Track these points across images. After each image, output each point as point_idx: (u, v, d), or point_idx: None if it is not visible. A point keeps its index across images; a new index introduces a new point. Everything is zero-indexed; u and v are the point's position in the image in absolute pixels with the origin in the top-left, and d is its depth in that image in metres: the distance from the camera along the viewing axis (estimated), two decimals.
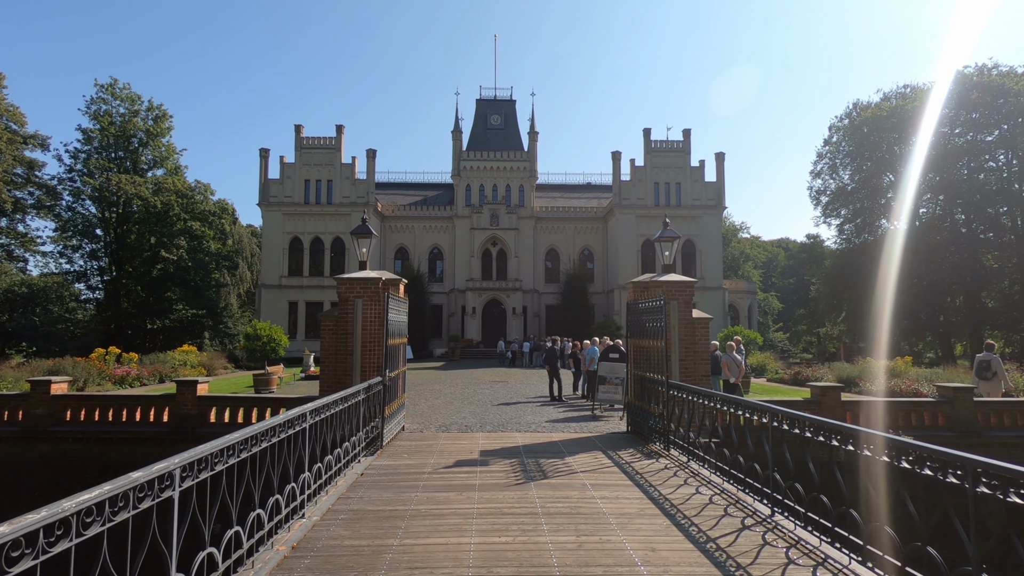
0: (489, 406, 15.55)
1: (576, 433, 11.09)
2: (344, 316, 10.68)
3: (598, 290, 50.59)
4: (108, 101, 49.19)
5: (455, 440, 10.07)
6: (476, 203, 50.52)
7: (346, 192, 47.42)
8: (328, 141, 47.90)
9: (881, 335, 44.28)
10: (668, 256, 11.29)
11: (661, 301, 9.32)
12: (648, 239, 47.82)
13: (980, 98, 43.00)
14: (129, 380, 23.70)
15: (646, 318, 10.06)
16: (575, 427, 11.94)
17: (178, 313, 52.18)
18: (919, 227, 48.13)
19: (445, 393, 19.03)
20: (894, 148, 47.05)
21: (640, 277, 11.44)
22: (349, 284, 10.67)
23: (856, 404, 11.54)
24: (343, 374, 10.62)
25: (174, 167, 54.31)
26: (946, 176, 44.81)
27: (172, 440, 10.43)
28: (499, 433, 10.97)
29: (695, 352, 10.78)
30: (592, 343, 17.25)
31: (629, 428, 11.08)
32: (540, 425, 12.15)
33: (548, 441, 9.97)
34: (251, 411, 10.91)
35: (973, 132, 44.87)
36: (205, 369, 30.25)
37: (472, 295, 47.80)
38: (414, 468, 7.87)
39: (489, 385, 22.05)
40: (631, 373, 10.96)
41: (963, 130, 45.49)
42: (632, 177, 48.16)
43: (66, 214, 48.72)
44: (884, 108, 47.51)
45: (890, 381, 20.53)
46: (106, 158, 49.75)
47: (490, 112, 54.47)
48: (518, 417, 13.35)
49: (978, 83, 43.45)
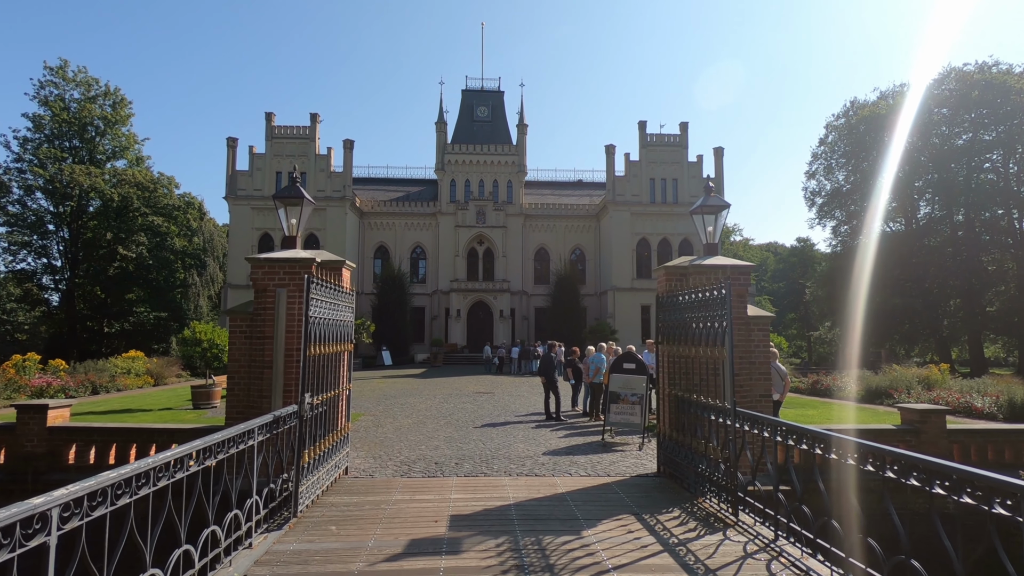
0: (470, 428, 12.44)
1: (588, 475, 8.04)
2: (261, 313, 7.53)
3: (590, 292, 47.71)
4: (60, 85, 45.34)
5: (416, 493, 6.96)
6: (461, 199, 47.42)
7: (321, 185, 44.04)
8: (302, 131, 44.55)
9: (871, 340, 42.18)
10: (712, 232, 8.32)
11: (723, 291, 6.33)
12: (644, 237, 45.13)
13: (981, 96, 41.28)
14: (50, 392, 20.21)
15: (692, 316, 7.06)
16: (584, 462, 8.88)
17: (139, 315, 48.28)
18: (917, 229, 46.31)
19: (419, 409, 15.88)
20: (890, 148, 45.09)
21: (676, 261, 8.44)
22: (269, 268, 7.53)
23: (968, 434, 8.60)
24: (258, 395, 7.47)
25: (135, 158, 50.50)
26: (945, 176, 43.01)
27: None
28: (481, 478, 7.86)
29: (751, 364, 7.82)
30: (597, 349, 14.22)
31: (661, 469, 8.05)
32: (537, 460, 9.07)
33: (552, 494, 6.90)
34: (128, 447, 7.71)
35: (973, 131, 43.24)
36: (152, 378, 26.75)
37: (457, 297, 44.64)
38: (336, 561, 4.76)
39: (472, 398, 18.93)
40: (665, 393, 7.97)
41: (962, 129, 43.84)
42: (627, 172, 45.43)
43: (13, 208, 44.66)
44: (882, 107, 45.74)
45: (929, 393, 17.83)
46: (59, 147, 45.80)
47: (477, 103, 51.45)
48: (507, 446, 10.27)
49: (979, 81, 41.68)
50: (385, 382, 26.03)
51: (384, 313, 41.79)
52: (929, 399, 16.75)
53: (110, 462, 7.71)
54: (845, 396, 19.74)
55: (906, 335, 46.68)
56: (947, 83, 43.94)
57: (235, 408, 7.53)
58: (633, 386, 10.69)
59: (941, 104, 43.96)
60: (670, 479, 7.68)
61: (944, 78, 44.03)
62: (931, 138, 44.77)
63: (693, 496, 6.81)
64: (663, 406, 8.05)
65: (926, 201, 48.04)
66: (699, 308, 6.94)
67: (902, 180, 46.44)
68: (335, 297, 7.06)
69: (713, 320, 6.60)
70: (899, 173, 46.72)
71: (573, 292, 44.08)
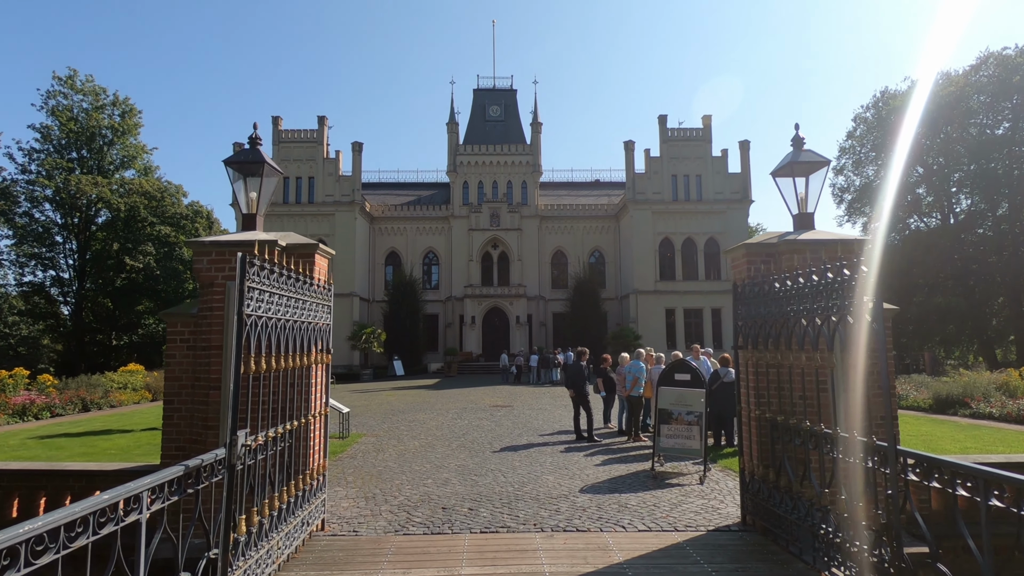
0: (487, 453, 10.44)
1: (648, 529, 5.97)
2: (207, 315, 5.65)
3: (611, 296, 45.48)
4: (68, 95, 44.61)
5: (413, 565, 4.96)
6: (474, 201, 45.62)
7: (329, 190, 42.62)
8: (309, 134, 43.22)
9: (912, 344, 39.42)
10: (804, 199, 6.27)
11: (842, 271, 4.31)
12: (667, 237, 42.88)
13: (1022, 82, 38.50)
14: (33, 410, 18.65)
15: (795, 309, 5.00)
16: (636, 505, 6.82)
17: (148, 328, 47.21)
18: (956, 224, 43.43)
19: (429, 428, 13.92)
20: (924, 140, 42.44)
21: (760, 236, 6.38)
22: (217, 254, 5.66)
23: None
24: (202, 426, 5.57)
25: (144, 167, 49.66)
26: (986, 168, 40.28)
27: None
28: (502, 535, 5.83)
29: (873, 375, 5.72)
30: (635, 357, 12.14)
31: (747, 519, 5.97)
32: (575, 501, 7.04)
33: (606, 566, 4.85)
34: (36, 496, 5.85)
35: (1014, 119, 40.37)
36: (150, 393, 25.13)
37: (471, 303, 42.73)
38: None
39: (489, 413, 16.92)
40: (751, 416, 5.90)
41: (1002, 117, 41.21)
42: (647, 169, 43.27)
43: (21, 219, 43.90)
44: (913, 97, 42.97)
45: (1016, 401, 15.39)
46: (66, 158, 45.04)
47: (489, 103, 49.77)
48: (534, 479, 8.25)
49: (1020, 65, 39.01)
50: (395, 395, 24.14)
51: (396, 321, 40.08)
52: (1017, 409, 14.39)
53: (12, 516, 5.84)
54: (910, 405, 17.40)
55: (948, 337, 43.82)
56: (985, 69, 41.31)
57: (173, 443, 5.64)
58: (688, 402, 8.61)
59: (980, 91, 41.37)
60: (764, 535, 5.59)
61: (982, 64, 41.39)
62: (968, 128, 42.17)
63: (811, 567, 4.72)
64: (748, 433, 5.99)
65: (965, 194, 45.23)
66: (805, 299, 4.89)
67: (937, 173, 43.83)
68: (300, 291, 5.14)
69: (828, 310, 4.56)
70: (934, 165, 44.13)
71: (593, 296, 41.93)
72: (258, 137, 6.17)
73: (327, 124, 43.62)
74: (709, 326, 41.44)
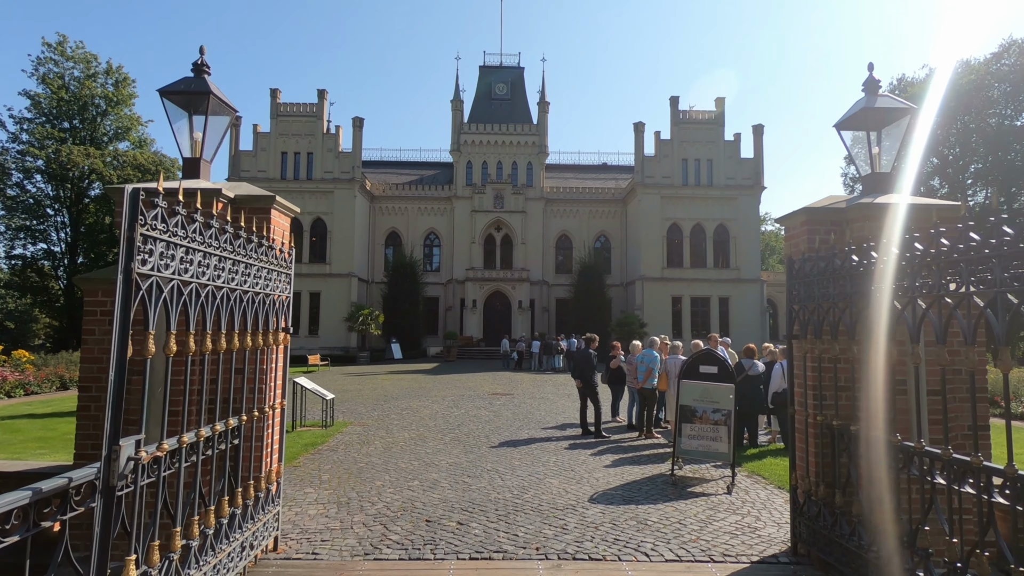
0: (484, 448, 9.37)
1: (675, 558, 4.88)
2: None
3: (616, 282, 44.31)
4: (59, 62, 43.11)
5: None
6: (478, 182, 44.26)
7: (328, 167, 41.28)
8: (309, 108, 41.77)
9: None
10: (877, 156, 5.08)
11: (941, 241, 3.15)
12: (675, 223, 41.50)
13: None
14: (5, 388, 17.71)
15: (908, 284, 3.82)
16: (657, 521, 5.74)
17: None
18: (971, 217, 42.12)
19: (422, 417, 12.86)
20: (939, 130, 40.92)
21: (823, 200, 5.17)
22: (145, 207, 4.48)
23: None
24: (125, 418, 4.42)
25: (139, 140, 48.26)
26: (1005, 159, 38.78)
27: None
28: (497, 562, 4.75)
29: (956, 373, 4.58)
30: (647, 344, 11.00)
31: (799, 548, 4.87)
32: (584, 514, 5.95)
33: None
34: None
35: None
36: None
37: (472, 286, 41.59)
38: None
39: (488, 401, 15.86)
40: (808, 420, 4.79)
41: (1022, 109, 39.57)
42: (657, 152, 41.77)
43: (12, 191, 42.71)
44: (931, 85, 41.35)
45: None
46: (58, 128, 43.68)
47: (495, 80, 48.12)
48: (536, 483, 7.18)
49: None
50: (390, 379, 23.13)
51: (395, 303, 39.03)
52: None
53: None
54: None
55: None
56: (1007, 57, 39.63)
57: (90, 440, 4.55)
58: (715, 398, 7.49)
59: (1001, 80, 39.78)
60: (824, 571, 4.49)
61: (1004, 52, 39.68)
62: (987, 118, 40.65)
63: None
64: (804, 441, 4.87)
65: (980, 186, 43.81)
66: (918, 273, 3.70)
67: (952, 164, 42.35)
68: (246, 253, 3.98)
69: (918, 291, 3.40)
70: (949, 156, 42.62)
71: (598, 282, 40.75)
72: (205, 63, 4.98)
73: (327, 98, 42.15)
74: (716, 315, 40.29)
